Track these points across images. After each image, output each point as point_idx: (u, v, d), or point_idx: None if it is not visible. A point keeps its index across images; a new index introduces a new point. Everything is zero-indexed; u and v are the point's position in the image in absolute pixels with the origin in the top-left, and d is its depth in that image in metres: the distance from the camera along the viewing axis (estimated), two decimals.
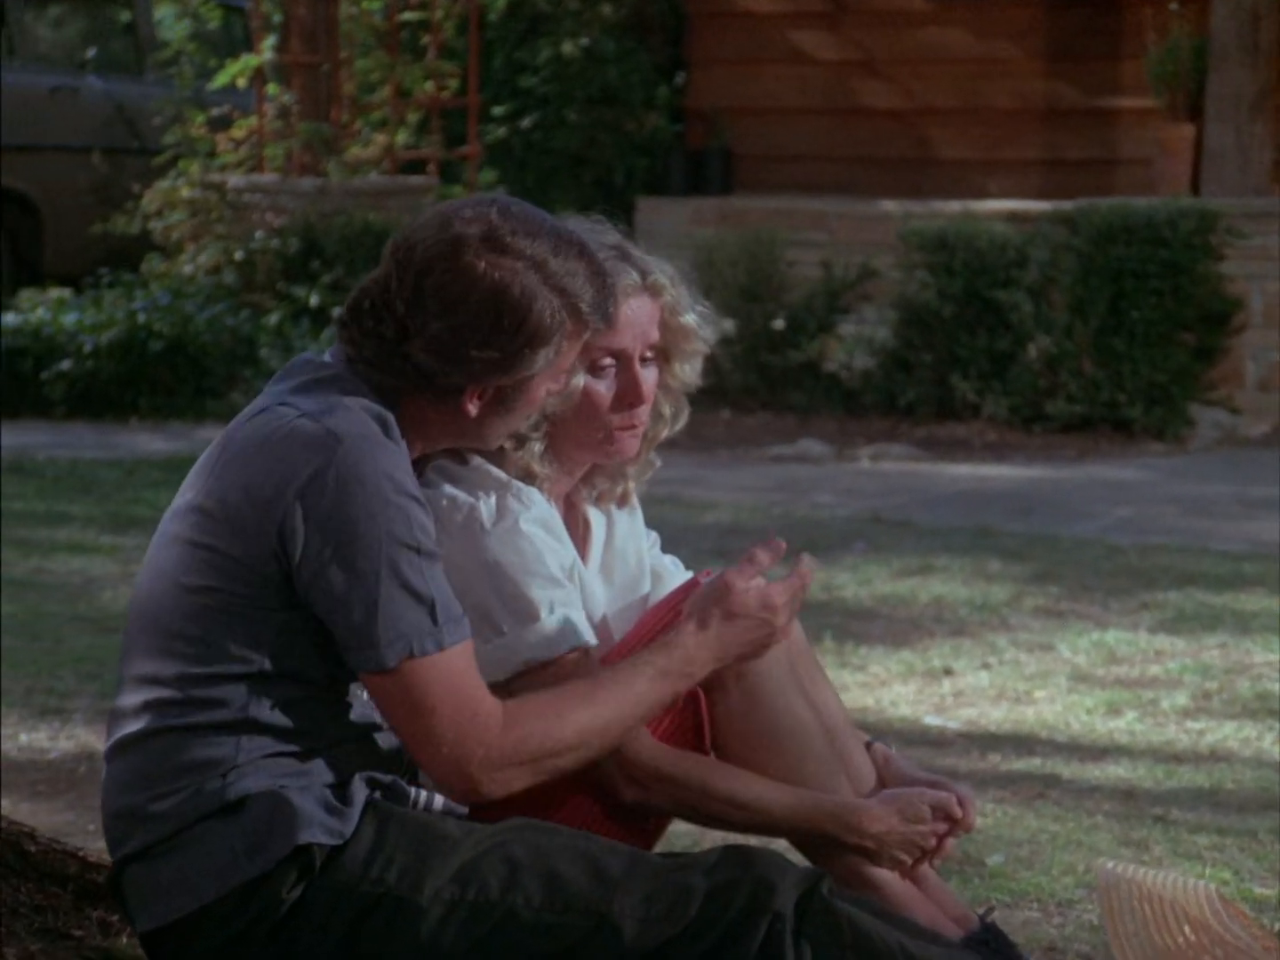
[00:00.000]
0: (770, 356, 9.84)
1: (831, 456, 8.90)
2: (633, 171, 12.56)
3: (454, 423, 2.75)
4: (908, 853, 2.93)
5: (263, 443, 2.65)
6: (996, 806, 4.35)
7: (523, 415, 2.80)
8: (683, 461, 8.79)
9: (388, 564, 2.60)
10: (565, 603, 2.85)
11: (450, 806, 2.83)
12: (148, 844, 2.67)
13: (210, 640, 2.65)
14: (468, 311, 2.67)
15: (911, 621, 5.96)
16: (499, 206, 2.73)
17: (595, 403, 2.90)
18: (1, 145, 11.53)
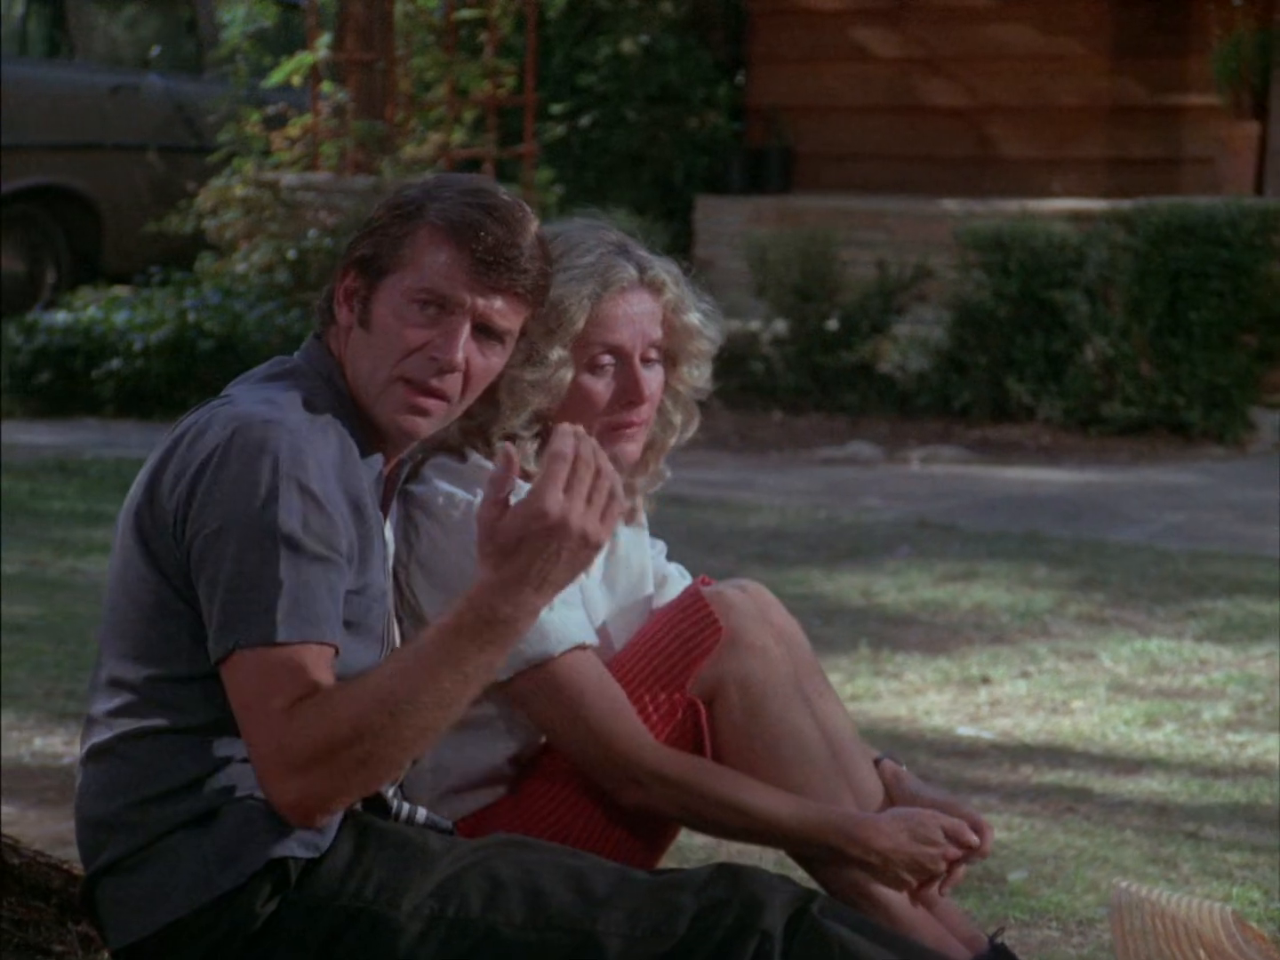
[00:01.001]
0: (823, 357, 9.75)
1: (882, 459, 8.79)
2: (692, 170, 12.49)
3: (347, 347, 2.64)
4: (914, 873, 2.84)
5: (185, 434, 2.59)
6: (1023, 820, 4.26)
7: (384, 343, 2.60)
8: (731, 464, 8.72)
9: (255, 547, 2.47)
10: (565, 601, 2.77)
11: (433, 820, 2.77)
12: (120, 856, 2.60)
13: (168, 642, 2.58)
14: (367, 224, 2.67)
15: (951, 628, 5.86)
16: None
17: (591, 400, 2.82)
18: (62, 144, 11.56)
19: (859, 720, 4.96)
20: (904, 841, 2.81)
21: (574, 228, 2.91)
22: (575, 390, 2.83)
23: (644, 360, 2.86)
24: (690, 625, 2.91)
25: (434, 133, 11.11)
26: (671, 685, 2.87)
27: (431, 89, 11.37)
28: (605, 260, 2.84)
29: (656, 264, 2.91)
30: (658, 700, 2.86)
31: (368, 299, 2.63)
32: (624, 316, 2.83)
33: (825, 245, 9.85)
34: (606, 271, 2.83)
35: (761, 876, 2.62)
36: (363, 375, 2.63)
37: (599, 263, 2.83)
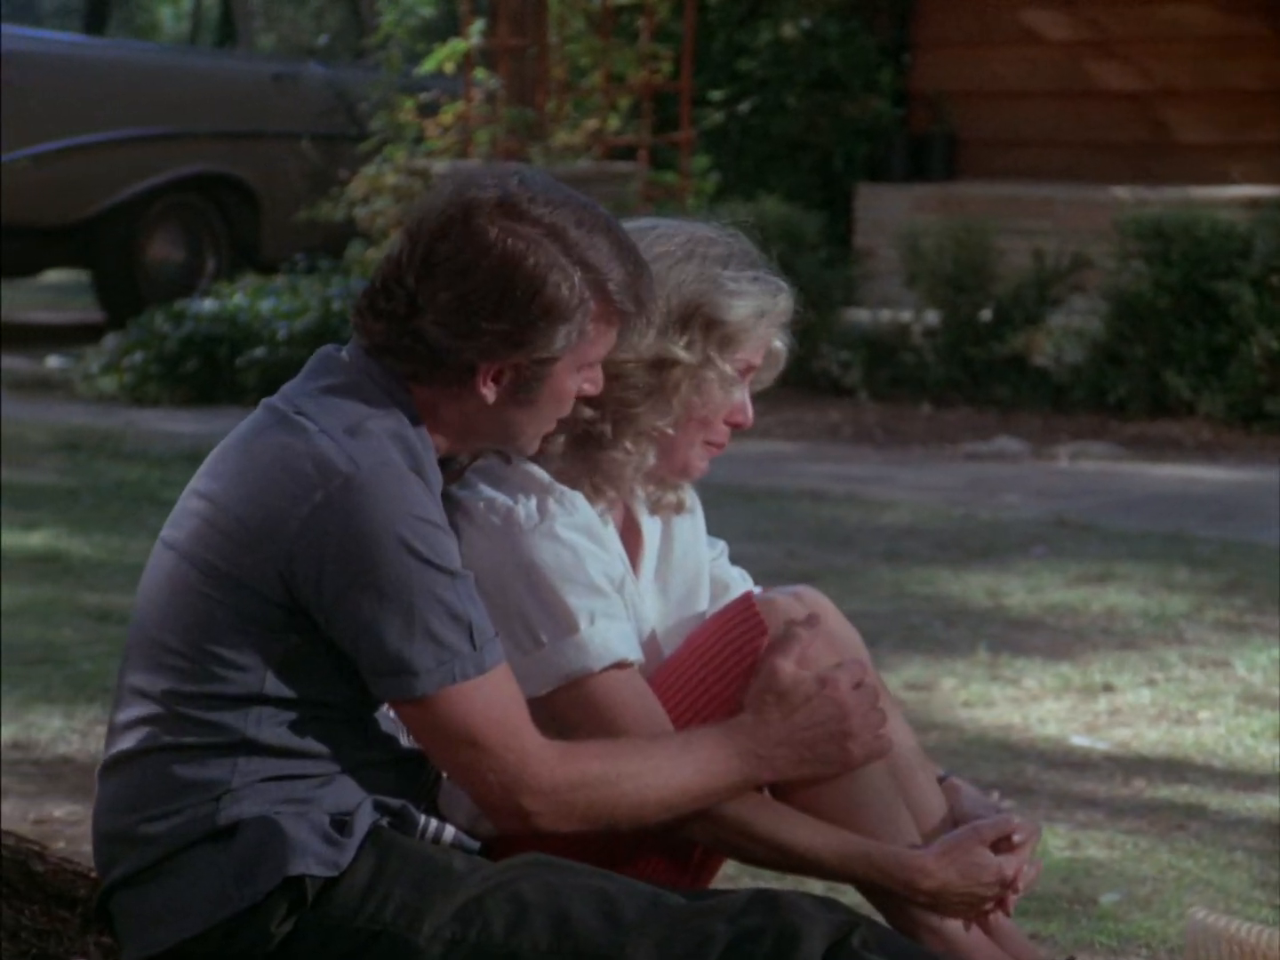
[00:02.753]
0: (974, 349, 9.54)
1: (1028, 455, 8.57)
2: (853, 157, 12.31)
3: (473, 412, 2.57)
4: (970, 907, 2.71)
5: (276, 457, 2.50)
6: (1126, 838, 4.08)
7: (551, 411, 2.60)
8: (872, 458, 8.55)
9: (420, 587, 2.45)
10: (608, 614, 2.66)
11: (460, 839, 2.66)
12: (136, 869, 2.54)
13: (205, 657, 2.51)
14: (478, 279, 2.50)
15: (1077, 633, 5.67)
16: (521, 175, 2.56)
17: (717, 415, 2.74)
18: (224, 133, 11.64)
19: (968, 728, 4.82)
20: (952, 878, 2.68)
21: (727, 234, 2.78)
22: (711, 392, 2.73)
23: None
24: (740, 634, 2.79)
25: (588, 119, 11.03)
26: (719, 699, 2.75)
27: (586, 75, 11.29)
28: (772, 284, 2.76)
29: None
30: (703, 715, 2.74)
31: (532, 381, 2.55)
32: (762, 339, 2.75)
33: (980, 234, 9.64)
34: (775, 295, 2.75)
35: (801, 904, 2.51)
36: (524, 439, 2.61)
37: (765, 285, 2.75)
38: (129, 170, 11.31)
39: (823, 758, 2.64)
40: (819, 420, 9.25)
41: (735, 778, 2.61)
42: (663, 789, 2.56)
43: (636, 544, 2.85)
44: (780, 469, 8.11)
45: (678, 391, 2.70)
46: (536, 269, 2.50)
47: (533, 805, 2.51)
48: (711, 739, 2.61)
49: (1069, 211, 11.11)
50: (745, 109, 12.27)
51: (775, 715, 2.62)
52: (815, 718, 2.63)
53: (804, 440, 8.87)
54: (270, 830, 2.49)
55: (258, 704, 2.51)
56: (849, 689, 2.64)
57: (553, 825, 2.53)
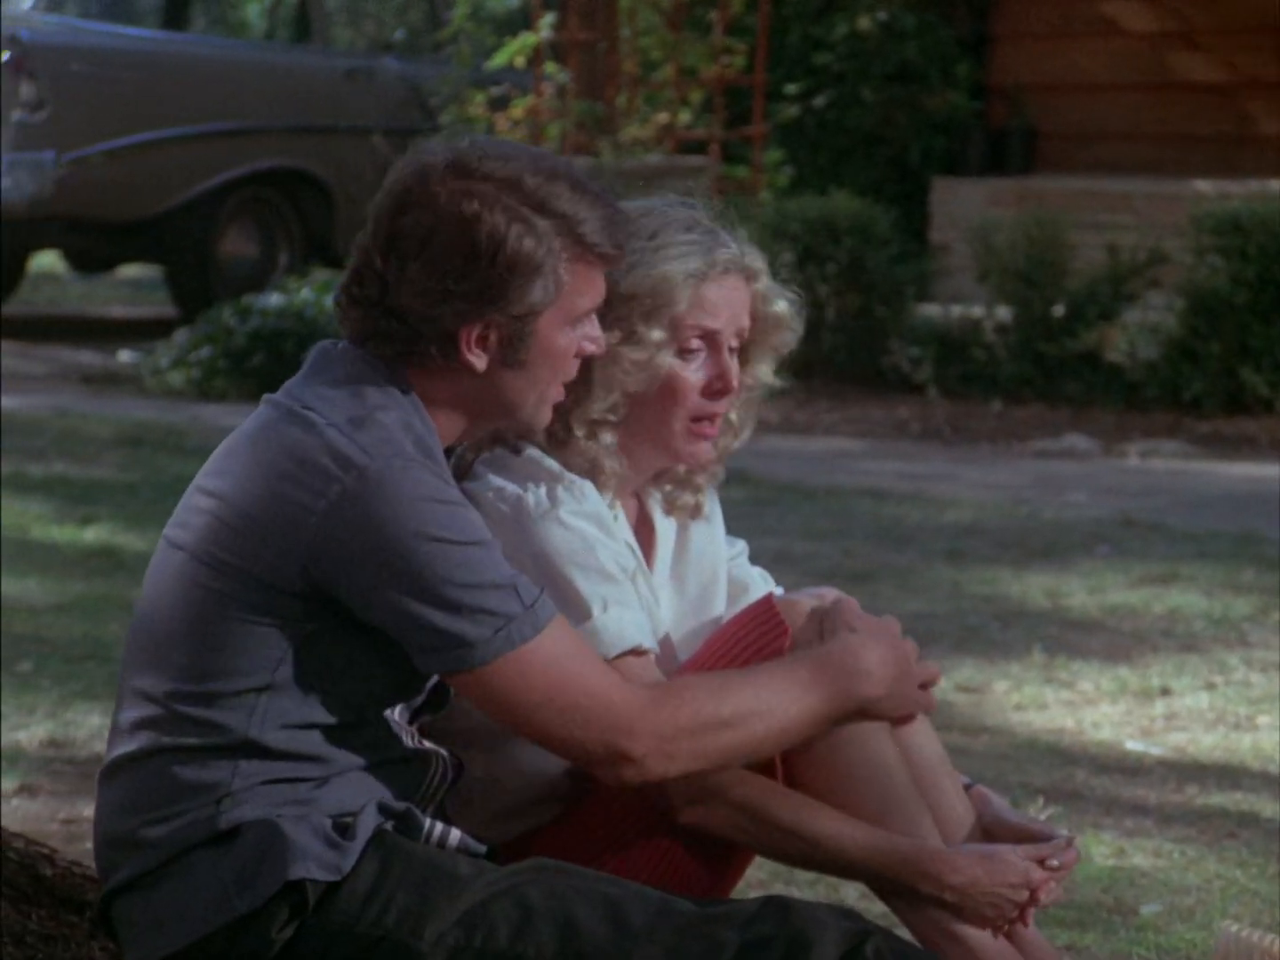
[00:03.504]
0: (1047, 345, 9.41)
1: (1098, 452, 8.45)
2: (929, 151, 12.21)
3: (469, 389, 2.52)
4: (993, 910, 2.63)
5: (287, 451, 2.45)
6: (1174, 846, 3.98)
7: (548, 373, 2.53)
8: (939, 456, 8.46)
9: (455, 564, 2.40)
10: (621, 601, 2.61)
11: (465, 843, 2.61)
12: (138, 873, 2.49)
13: (210, 655, 2.46)
14: (439, 244, 2.45)
15: (1137, 635, 5.57)
16: (471, 139, 2.52)
17: (679, 387, 2.66)
18: (297, 127, 11.65)
19: (1019, 732, 4.73)
20: (980, 877, 2.61)
21: (665, 203, 2.74)
22: (668, 374, 2.66)
23: (729, 350, 2.69)
24: (760, 635, 2.72)
25: (659, 113, 10.96)
26: None
27: (657, 69, 11.23)
28: (708, 238, 2.67)
29: (750, 247, 2.72)
30: None
31: (517, 340, 2.49)
32: (722, 300, 2.66)
33: (1052, 228, 9.51)
34: (712, 249, 2.66)
35: (814, 912, 2.44)
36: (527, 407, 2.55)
37: (703, 240, 2.66)
38: (203, 165, 11.33)
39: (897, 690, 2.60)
40: (887, 417, 9.16)
41: (838, 697, 2.55)
42: (769, 718, 2.51)
43: (650, 541, 2.80)
44: (843, 466, 8.03)
45: (591, 375, 2.63)
46: (496, 223, 2.45)
47: (635, 747, 2.44)
48: (808, 660, 2.56)
49: (1149, 206, 10.97)
50: (820, 103, 12.19)
51: (852, 638, 2.58)
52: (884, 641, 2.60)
53: (870, 438, 8.79)
54: (271, 834, 2.44)
55: (260, 706, 2.46)
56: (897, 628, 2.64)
57: (664, 766, 2.46)
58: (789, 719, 2.52)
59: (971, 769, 4.34)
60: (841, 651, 2.57)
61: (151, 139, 11.16)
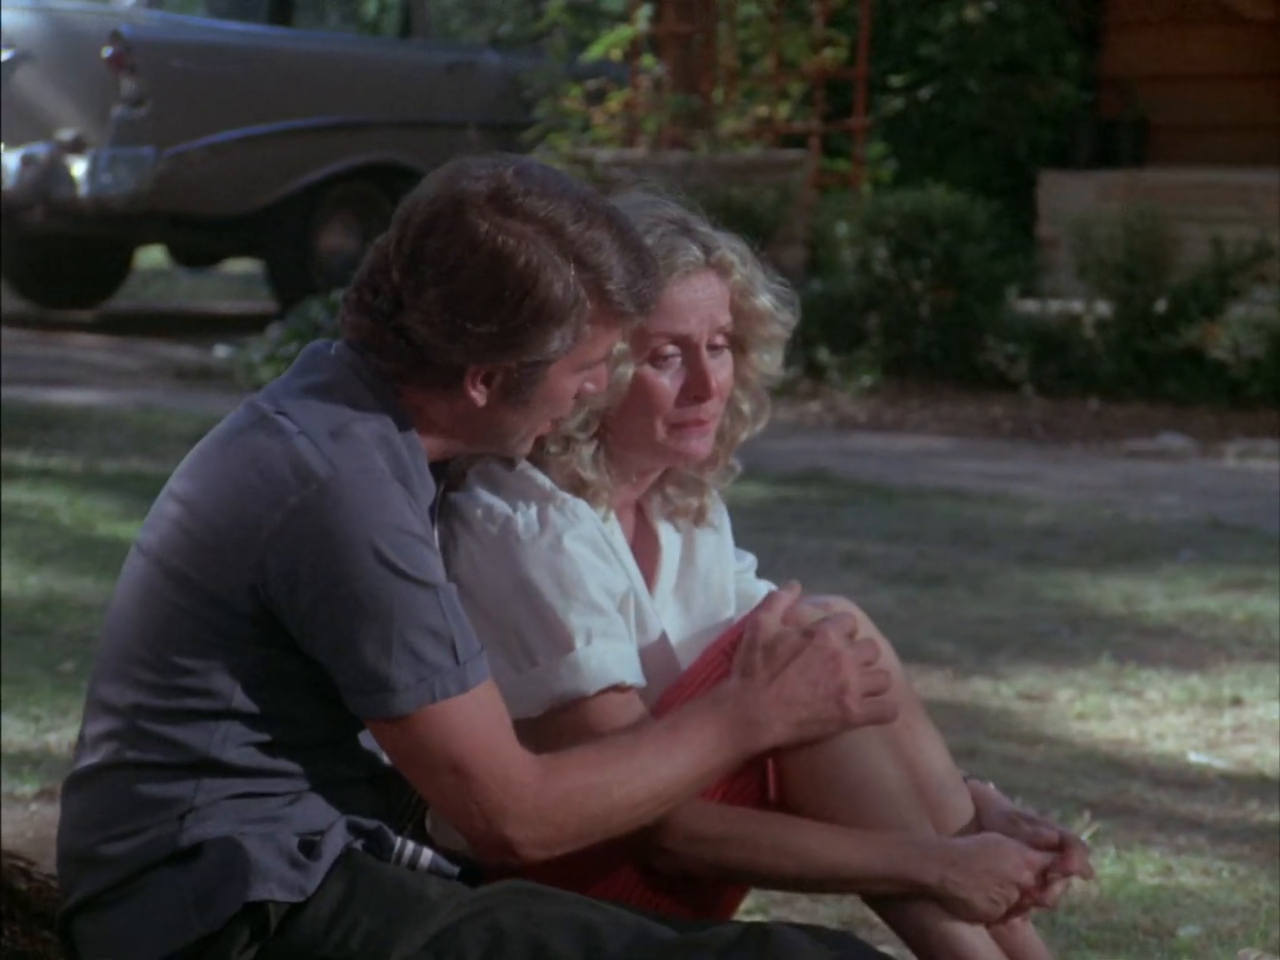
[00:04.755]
0: (1147, 342, 9.20)
1: (1194, 453, 8.24)
2: (1037, 143, 12.03)
3: (464, 415, 2.43)
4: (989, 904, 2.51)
5: (252, 460, 2.36)
6: (1224, 864, 3.83)
7: (547, 413, 2.45)
8: (1028, 455, 8.28)
9: (398, 601, 2.31)
10: (606, 633, 2.50)
11: (438, 863, 2.52)
12: (98, 891, 2.42)
13: (172, 671, 2.38)
14: (466, 278, 2.35)
15: (1212, 642, 5.40)
16: (516, 166, 2.40)
17: (656, 396, 2.56)
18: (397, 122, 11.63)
19: (1078, 742, 4.59)
20: (975, 863, 2.50)
21: (630, 203, 2.63)
22: (638, 385, 2.56)
23: (712, 348, 2.59)
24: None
25: (758, 106, 10.84)
26: None
27: (756, 61, 11.11)
28: (667, 241, 2.56)
29: (722, 241, 2.61)
30: None
31: (524, 384, 2.40)
32: (689, 303, 2.55)
33: (1154, 221, 9.30)
34: (669, 254, 2.55)
35: (795, 940, 2.36)
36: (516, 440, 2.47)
37: (660, 244, 2.55)
38: (303, 160, 11.33)
39: (820, 716, 2.46)
40: (979, 415, 8.99)
41: (730, 751, 2.44)
42: (655, 785, 2.41)
43: (654, 553, 2.70)
44: (928, 466, 7.88)
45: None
46: (528, 268, 2.34)
47: (518, 834, 2.35)
48: (698, 715, 2.45)
49: (1266, 199, 10.74)
50: (926, 95, 12.03)
51: (763, 674, 2.46)
52: (806, 673, 2.45)
53: (959, 436, 8.63)
54: (232, 852, 2.36)
55: (225, 721, 2.38)
56: (840, 639, 2.47)
57: (543, 853, 2.38)
58: (682, 785, 2.43)
59: (1023, 781, 4.22)
60: (738, 703, 2.45)
61: (252, 134, 11.19)
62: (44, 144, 10.92)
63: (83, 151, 10.89)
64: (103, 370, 9.80)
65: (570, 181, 2.42)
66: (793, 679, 2.46)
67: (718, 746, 2.44)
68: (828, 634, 2.47)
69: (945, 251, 9.32)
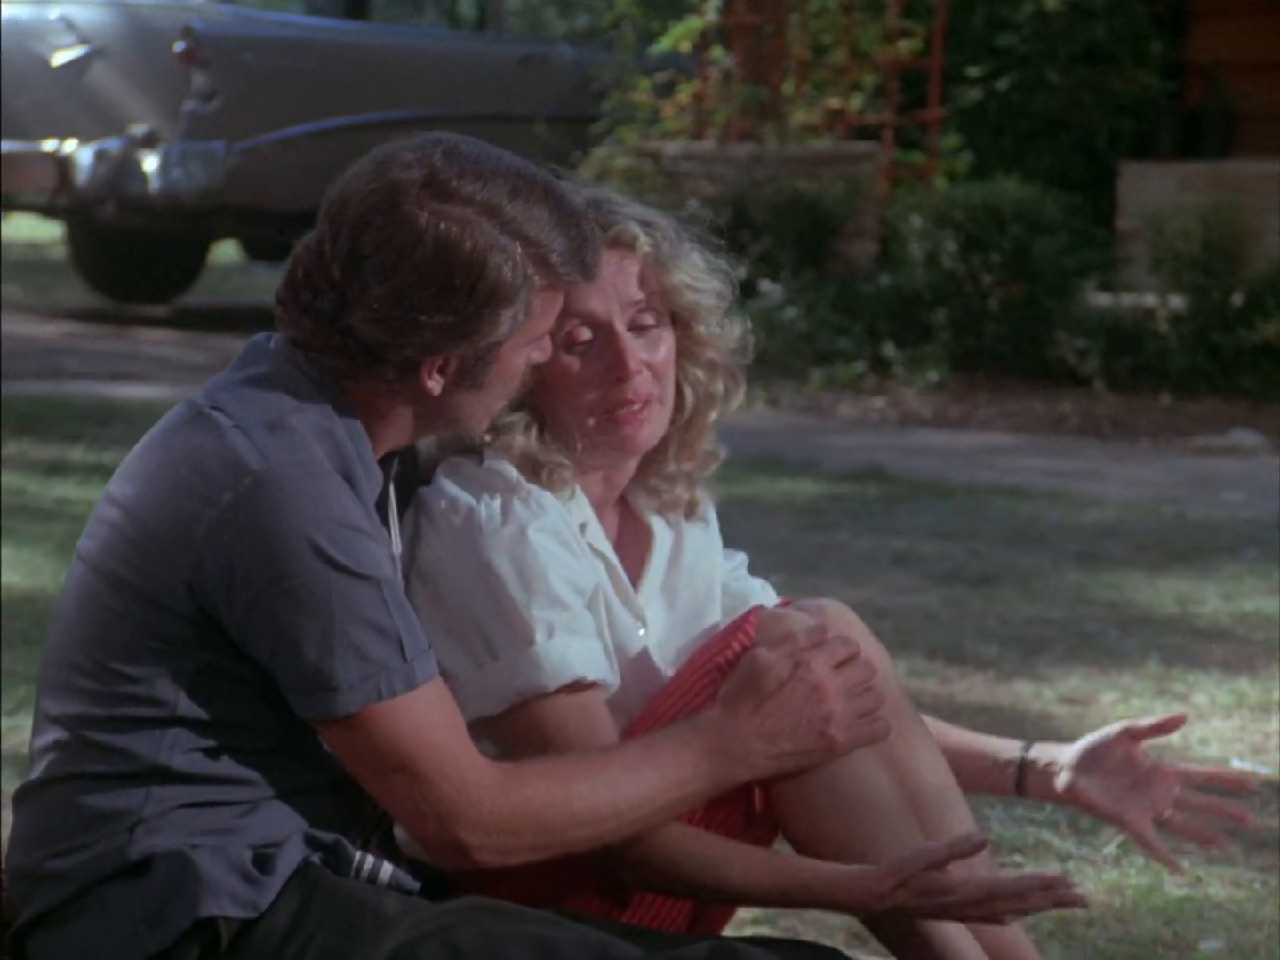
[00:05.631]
0: (1222, 336, 9.02)
1: (1265, 450, 8.06)
2: (1117, 134, 11.85)
3: (419, 405, 2.36)
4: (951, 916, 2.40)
5: (186, 457, 2.30)
6: (1257, 876, 3.71)
7: (501, 391, 2.39)
8: (1094, 452, 8.13)
9: (338, 596, 2.24)
10: (569, 628, 2.43)
11: (399, 878, 2.44)
12: (47, 908, 2.35)
13: (115, 678, 2.32)
14: (412, 271, 2.27)
15: (1266, 645, 5.25)
16: (444, 147, 2.32)
17: (570, 380, 2.49)
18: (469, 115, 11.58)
19: None
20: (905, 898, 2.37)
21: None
22: (554, 373, 2.49)
23: (637, 328, 2.50)
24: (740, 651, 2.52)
25: (830, 98, 10.72)
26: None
27: (828, 53, 10.98)
28: (563, 220, 2.48)
29: (629, 216, 2.51)
30: None
31: (478, 367, 2.34)
32: (591, 289, 2.46)
33: (1232, 213, 9.11)
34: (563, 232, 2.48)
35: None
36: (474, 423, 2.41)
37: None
38: None
39: (803, 749, 2.39)
40: (1046, 411, 8.84)
41: (705, 781, 2.37)
42: (619, 803, 2.33)
43: (646, 546, 2.63)
44: (989, 463, 7.74)
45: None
46: (475, 253, 2.28)
47: (472, 839, 2.28)
48: (674, 740, 2.38)
49: None
50: (1004, 86, 11.87)
51: (745, 706, 2.39)
52: (788, 704, 2.39)
53: (1024, 432, 8.49)
54: (182, 866, 2.29)
55: (172, 728, 2.32)
56: (826, 667, 2.39)
57: (498, 860, 2.31)
58: (651, 807, 2.35)
59: None
60: (718, 733, 2.38)
61: (323, 128, 11.16)
62: (117, 139, 10.94)
63: (155, 147, 10.90)
64: (170, 365, 9.80)
65: (501, 156, 2.35)
66: (775, 712, 2.39)
67: (693, 774, 2.37)
68: (812, 665, 2.40)
69: (1015, 245, 9.17)
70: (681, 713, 2.49)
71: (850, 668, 2.42)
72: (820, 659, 2.40)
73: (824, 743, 2.40)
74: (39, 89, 11.15)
